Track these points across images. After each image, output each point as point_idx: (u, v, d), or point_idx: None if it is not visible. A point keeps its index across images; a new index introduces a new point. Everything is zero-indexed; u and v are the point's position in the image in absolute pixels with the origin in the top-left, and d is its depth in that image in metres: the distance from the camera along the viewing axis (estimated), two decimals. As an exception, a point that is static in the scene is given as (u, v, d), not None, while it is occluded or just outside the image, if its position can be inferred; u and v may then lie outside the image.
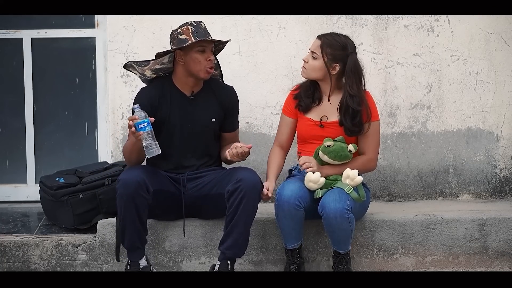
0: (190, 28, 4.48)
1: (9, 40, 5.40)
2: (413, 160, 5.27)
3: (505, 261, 4.79)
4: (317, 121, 4.59)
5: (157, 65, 4.60)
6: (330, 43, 4.53)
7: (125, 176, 4.38)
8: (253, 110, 5.17)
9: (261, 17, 5.15)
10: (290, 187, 4.40)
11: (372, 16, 5.18)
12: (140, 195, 4.34)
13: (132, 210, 4.36)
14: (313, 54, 4.55)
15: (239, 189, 4.35)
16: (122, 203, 4.36)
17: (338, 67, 4.54)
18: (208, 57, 4.50)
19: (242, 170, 4.48)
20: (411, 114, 5.24)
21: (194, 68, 4.51)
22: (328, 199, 4.36)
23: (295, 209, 4.37)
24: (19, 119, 5.44)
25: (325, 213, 4.34)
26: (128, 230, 4.41)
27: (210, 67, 4.51)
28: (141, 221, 4.41)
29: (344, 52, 4.53)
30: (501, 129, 5.28)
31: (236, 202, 4.35)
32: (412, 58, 5.22)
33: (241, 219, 4.38)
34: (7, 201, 5.43)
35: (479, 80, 5.24)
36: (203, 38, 4.46)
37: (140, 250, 4.47)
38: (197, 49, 4.49)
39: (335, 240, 4.44)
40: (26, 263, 4.69)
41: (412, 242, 4.76)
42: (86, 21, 5.38)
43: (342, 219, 4.33)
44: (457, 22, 5.20)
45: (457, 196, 5.31)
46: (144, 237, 4.48)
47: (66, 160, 5.40)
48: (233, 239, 4.40)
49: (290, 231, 4.47)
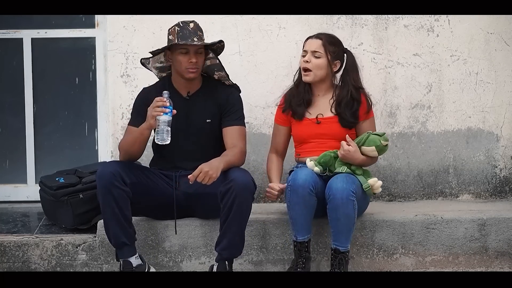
0: (177, 29, 4.53)
1: (9, 40, 5.41)
2: (413, 160, 5.27)
3: (505, 261, 4.79)
4: (313, 118, 4.62)
5: (156, 63, 4.64)
6: (330, 41, 4.63)
7: (100, 169, 4.43)
8: (253, 110, 5.17)
9: (261, 17, 5.16)
10: (303, 172, 4.43)
11: (372, 16, 5.18)
12: (116, 186, 4.36)
13: (111, 202, 4.37)
14: (314, 53, 4.59)
15: (230, 190, 4.34)
16: (101, 196, 4.40)
17: (339, 63, 4.66)
18: (190, 59, 4.51)
19: (234, 170, 4.44)
20: (411, 114, 5.24)
21: (178, 69, 4.56)
22: (336, 181, 4.40)
23: (309, 194, 4.38)
24: (19, 119, 5.44)
25: (332, 194, 4.36)
26: (111, 225, 4.41)
27: (191, 68, 4.52)
28: (124, 215, 4.41)
29: (341, 49, 4.68)
30: (501, 129, 5.28)
31: (229, 203, 4.35)
32: (412, 58, 5.22)
33: (235, 219, 4.37)
34: (7, 201, 5.43)
35: (479, 80, 5.24)
36: (184, 41, 4.49)
37: (128, 247, 4.46)
38: (180, 51, 4.52)
39: (338, 231, 4.42)
40: (26, 263, 4.69)
41: (412, 242, 4.76)
42: (86, 21, 5.38)
43: (348, 202, 4.35)
44: (457, 22, 5.20)
45: (457, 196, 5.31)
46: (131, 233, 4.46)
47: (66, 160, 5.40)
48: (228, 239, 4.40)
49: (302, 221, 4.44)
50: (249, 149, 5.18)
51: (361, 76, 4.69)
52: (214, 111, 4.62)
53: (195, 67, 4.53)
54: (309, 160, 4.54)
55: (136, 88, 5.06)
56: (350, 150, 4.50)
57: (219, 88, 4.67)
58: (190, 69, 4.52)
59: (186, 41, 4.49)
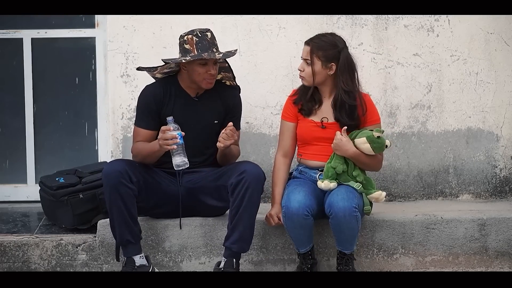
0: (195, 39, 4.50)
1: (9, 40, 5.41)
2: (413, 160, 5.27)
3: (505, 261, 4.78)
4: (318, 122, 4.58)
5: (165, 69, 4.64)
6: (319, 45, 4.51)
7: (107, 167, 4.44)
8: (253, 110, 5.17)
9: (261, 17, 5.15)
10: (296, 198, 4.38)
11: (372, 16, 5.18)
12: (123, 184, 4.37)
13: (118, 201, 4.38)
14: (306, 61, 4.54)
15: (243, 181, 4.36)
16: (107, 195, 4.40)
17: (334, 66, 4.52)
18: (209, 70, 4.51)
19: (245, 163, 4.51)
20: (411, 114, 5.24)
21: (195, 79, 4.55)
22: (336, 198, 4.36)
23: (304, 219, 4.37)
24: (19, 119, 5.44)
25: (334, 212, 4.34)
26: (116, 223, 4.42)
27: (209, 79, 4.53)
28: (130, 214, 4.42)
29: (336, 50, 4.52)
30: (501, 129, 5.28)
31: (241, 194, 4.37)
32: (412, 58, 5.22)
33: (246, 211, 4.39)
34: (7, 201, 5.43)
35: (479, 80, 5.24)
36: (204, 51, 4.47)
37: (133, 245, 4.46)
38: (199, 62, 4.51)
39: (342, 240, 4.44)
40: (26, 263, 4.69)
41: (412, 242, 4.76)
42: (86, 21, 5.38)
43: (351, 218, 4.33)
44: (457, 22, 5.20)
45: (457, 196, 5.31)
46: (136, 232, 4.47)
47: (66, 160, 5.40)
48: (239, 232, 4.41)
49: (302, 238, 4.48)
50: (249, 149, 5.19)
51: (358, 77, 4.57)
52: (221, 113, 4.65)
53: (213, 78, 4.54)
54: (321, 182, 4.47)
55: (136, 88, 5.07)
56: (342, 139, 4.46)
57: (224, 90, 4.68)
58: (208, 80, 4.53)
59: (209, 54, 4.48)
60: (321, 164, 4.55)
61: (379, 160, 4.57)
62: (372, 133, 4.45)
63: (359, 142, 4.47)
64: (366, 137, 4.45)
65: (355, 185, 4.45)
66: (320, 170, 4.55)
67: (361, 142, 4.47)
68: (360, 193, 4.45)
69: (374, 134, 4.45)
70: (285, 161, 4.64)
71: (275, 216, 4.56)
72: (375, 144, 4.46)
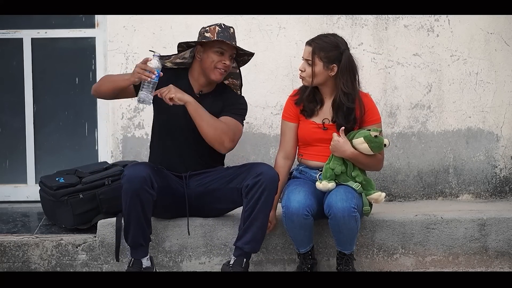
0: (218, 29, 4.49)
1: (9, 40, 5.41)
2: (413, 160, 5.27)
3: (505, 261, 4.79)
4: (320, 123, 4.57)
5: (178, 59, 4.61)
6: (321, 46, 4.48)
7: (130, 171, 4.37)
8: (253, 110, 5.17)
9: (261, 17, 5.16)
10: (296, 198, 4.38)
11: (372, 16, 5.18)
12: (145, 191, 4.34)
13: (137, 206, 4.36)
14: (307, 61, 4.52)
15: (259, 182, 4.35)
16: (127, 199, 4.35)
17: (336, 67, 4.50)
18: (224, 60, 4.50)
19: (260, 165, 4.48)
20: (411, 114, 5.25)
21: (207, 67, 4.51)
22: (335, 199, 4.36)
23: (304, 219, 4.37)
24: (19, 119, 5.44)
25: (333, 213, 4.34)
26: (132, 226, 4.40)
27: (223, 70, 4.51)
28: (146, 218, 4.41)
29: (338, 51, 4.49)
30: (501, 129, 5.28)
31: (257, 196, 4.36)
32: (412, 58, 5.22)
33: (261, 212, 4.38)
34: (7, 201, 5.43)
35: (479, 80, 5.24)
36: (225, 40, 4.46)
37: (143, 248, 4.46)
38: (216, 50, 4.50)
39: (341, 241, 4.44)
40: (26, 263, 4.69)
41: (412, 242, 4.76)
42: (86, 21, 5.38)
43: (350, 218, 4.33)
44: (457, 22, 5.20)
45: (457, 196, 5.31)
46: (148, 235, 4.47)
47: (66, 160, 5.40)
48: (252, 233, 4.40)
49: (302, 238, 4.48)
50: (249, 149, 5.19)
51: (359, 79, 4.54)
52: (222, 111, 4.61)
53: (226, 69, 4.52)
54: (319, 183, 4.47)
55: (136, 88, 5.07)
56: (340, 141, 4.46)
57: (229, 93, 4.67)
58: (220, 70, 4.51)
59: (230, 41, 4.47)
60: (322, 164, 4.54)
61: (379, 160, 4.56)
62: (370, 132, 4.45)
63: (357, 143, 4.47)
64: (364, 137, 4.45)
65: (354, 185, 4.46)
66: (320, 170, 4.55)
67: (359, 143, 4.46)
68: (359, 194, 4.46)
69: (372, 134, 4.44)
70: (285, 164, 4.62)
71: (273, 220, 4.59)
72: (373, 143, 4.46)
